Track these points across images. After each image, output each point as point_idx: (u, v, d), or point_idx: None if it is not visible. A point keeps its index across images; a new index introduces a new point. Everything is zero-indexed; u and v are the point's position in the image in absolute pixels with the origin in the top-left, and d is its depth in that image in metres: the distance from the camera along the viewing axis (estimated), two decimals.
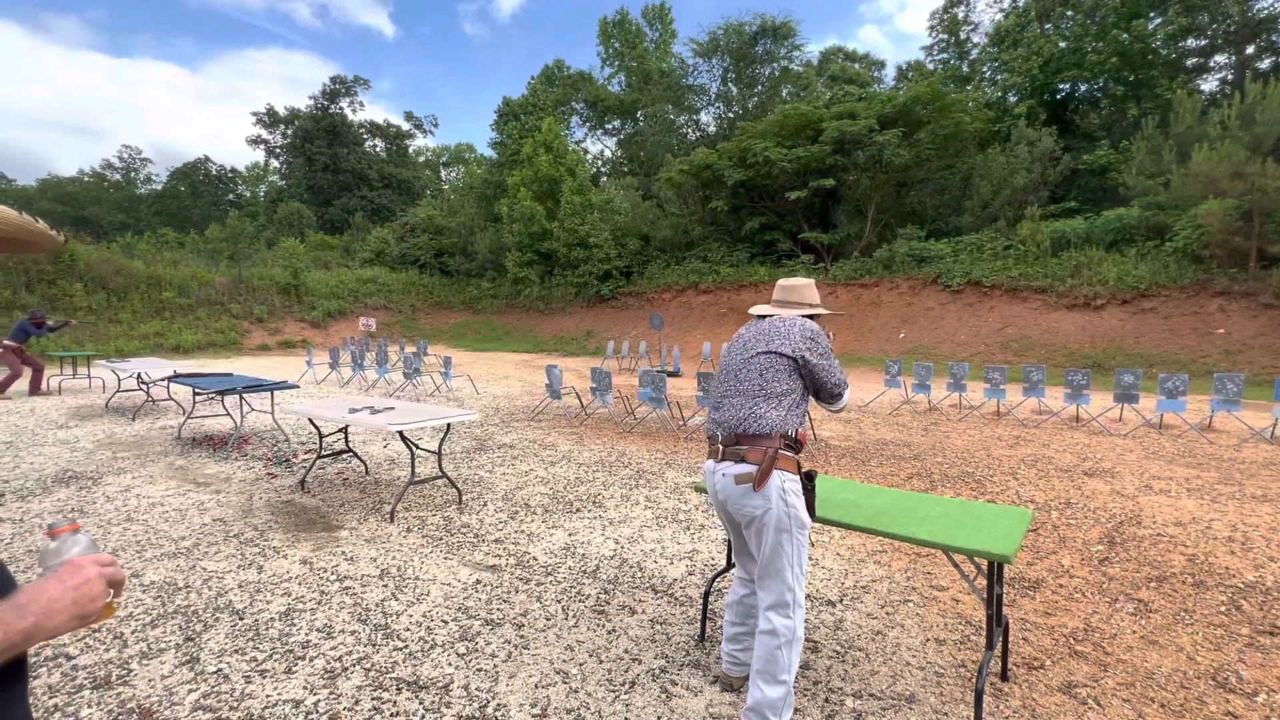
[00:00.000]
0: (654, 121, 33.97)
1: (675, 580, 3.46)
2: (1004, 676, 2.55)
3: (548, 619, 2.99)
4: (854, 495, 2.68)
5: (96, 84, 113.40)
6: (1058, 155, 19.94)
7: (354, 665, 2.57)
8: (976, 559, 2.24)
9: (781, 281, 2.46)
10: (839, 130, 20.50)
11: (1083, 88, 23.58)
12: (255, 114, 46.29)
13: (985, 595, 2.34)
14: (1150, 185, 16.28)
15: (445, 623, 2.94)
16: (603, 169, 38.38)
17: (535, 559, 3.72)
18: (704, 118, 35.11)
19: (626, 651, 2.72)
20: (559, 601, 3.17)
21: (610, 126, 39.30)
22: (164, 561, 3.61)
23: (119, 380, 10.03)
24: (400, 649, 2.70)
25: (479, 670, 2.56)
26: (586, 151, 37.17)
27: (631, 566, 3.63)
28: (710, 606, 3.08)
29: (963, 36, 28.73)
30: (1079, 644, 2.84)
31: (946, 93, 21.30)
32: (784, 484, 2.09)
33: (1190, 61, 22.54)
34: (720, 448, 2.21)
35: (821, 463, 6.22)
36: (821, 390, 2.25)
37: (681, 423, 8.13)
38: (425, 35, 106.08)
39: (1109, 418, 8.79)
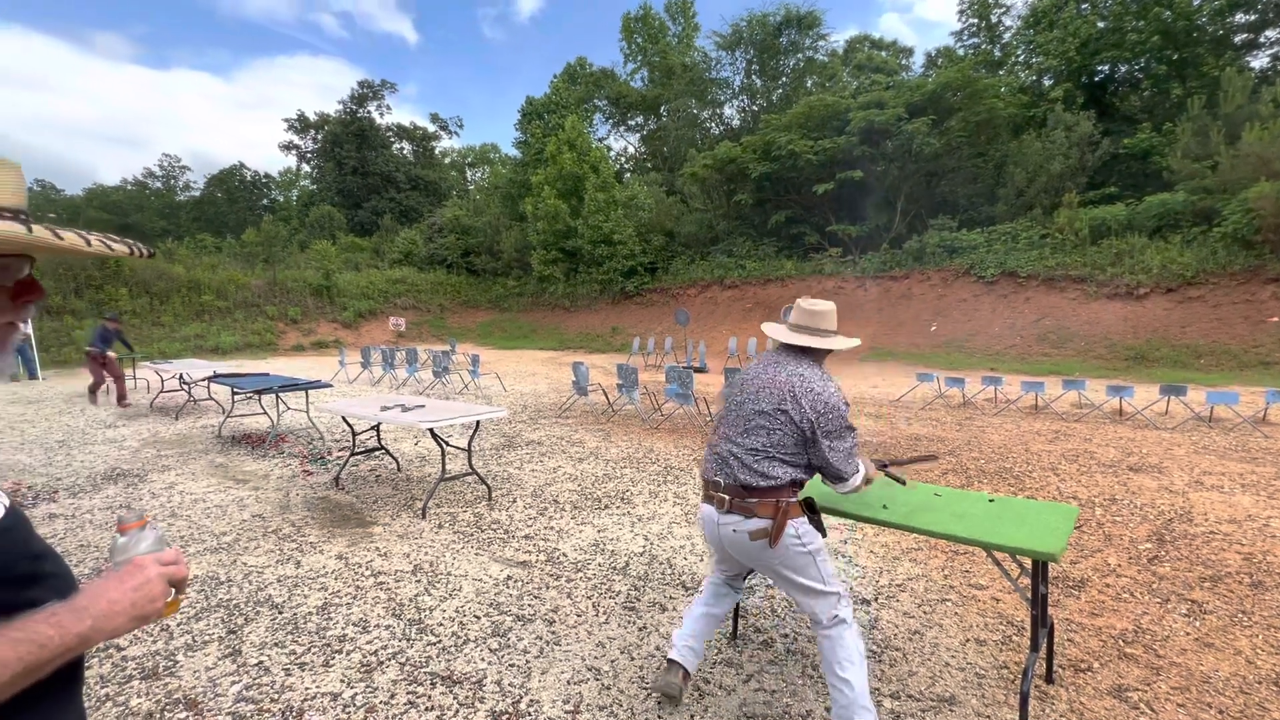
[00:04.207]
0: (677, 116, 33.77)
1: (705, 577, 3.42)
2: (1049, 679, 2.47)
3: (579, 615, 2.99)
4: (888, 491, 2.61)
5: (138, 96, 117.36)
6: (1096, 140, 19.22)
7: (389, 659, 2.61)
8: (1020, 557, 2.16)
9: (802, 303, 2.26)
10: (866, 120, 20.10)
11: (1123, 69, 22.65)
12: (287, 120, 47.49)
13: (1029, 595, 2.26)
14: (1196, 168, 15.59)
15: (478, 618, 2.96)
16: (626, 165, 38.35)
17: (565, 555, 3.73)
18: (728, 111, 34.80)
19: (658, 649, 2.71)
20: (589, 598, 3.17)
21: (633, 123, 39.19)
22: (206, 556, 3.72)
23: (162, 381, 10.38)
24: (434, 644, 2.73)
25: (511, 666, 2.57)
26: (609, 148, 37.13)
27: (661, 563, 3.62)
28: (741, 605, 3.04)
29: (994, 20, 27.87)
30: (1129, 646, 2.73)
31: (979, 78, 20.70)
32: (798, 531, 2.05)
33: (1239, 38, 21.48)
34: (725, 498, 2.10)
35: None
36: (825, 470, 2.12)
37: (709, 418, 8.07)
38: (447, 39, 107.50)
39: (1154, 410, 8.46)
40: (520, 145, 33.10)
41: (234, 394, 7.36)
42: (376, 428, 5.67)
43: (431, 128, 48.94)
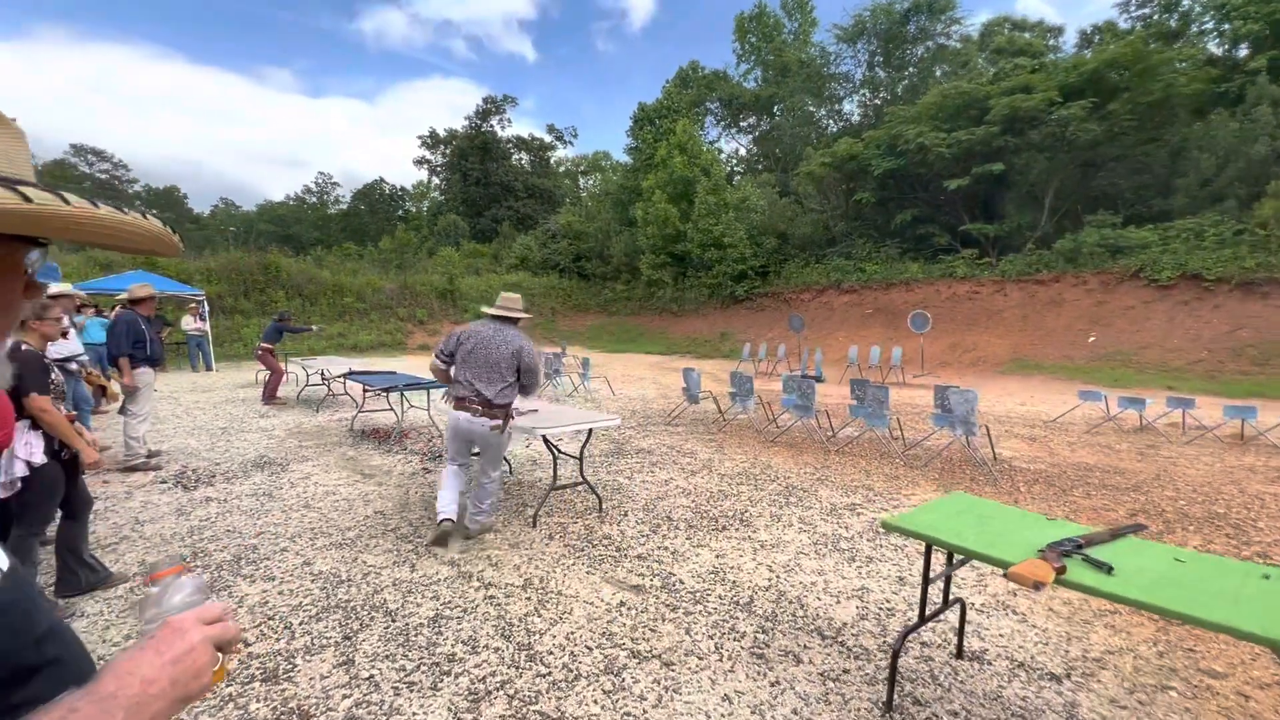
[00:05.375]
0: (792, 115, 32.60)
1: (845, 625, 2.96)
2: None
3: (699, 658, 2.65)
4: (1108, 550, 2.03)
5: (300, 122, 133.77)
6: None
7: (497, 689, 2.41)
8: None
9: (504, 295, 3.96)
10: (1010, 107, 18.13)
11: None
12: (420, 137, 51.48)
13: None
14: None
15: (589, 649, 2.71)
16: (737, 168, 37.64)
17: (682, 582, 3.40)
18: (847, 107, 33.11)
19: (795, 713, 2.30)
20: (711, 637, 2.82)
21: (745, 124, 38.43)
22: (331, 552, 3.79)
23: (307, 376, 11.36)
24: (543, 675, 2.51)
25: (627, 715, 2.27)
26: (720, 151, 36.61)
27: (791, 601, 3.19)
28: (899, 667, 2.55)
29: None
30: None
31: (1153, 51, 17.96)
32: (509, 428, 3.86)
33: None
34: (479, 407, 3.70)
35: (1008, 489, 5.28)
36: (528, 389, 3.91)
37: (831, 434, 7.44)
38: (563, 55, 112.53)
39: None
40: (631, 151, 33.46)
41: (364, 390, 7.79)
42: None
43: (548, 138, 51.03)
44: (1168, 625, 2.98)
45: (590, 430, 4.77)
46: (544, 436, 4.31)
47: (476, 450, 4.01)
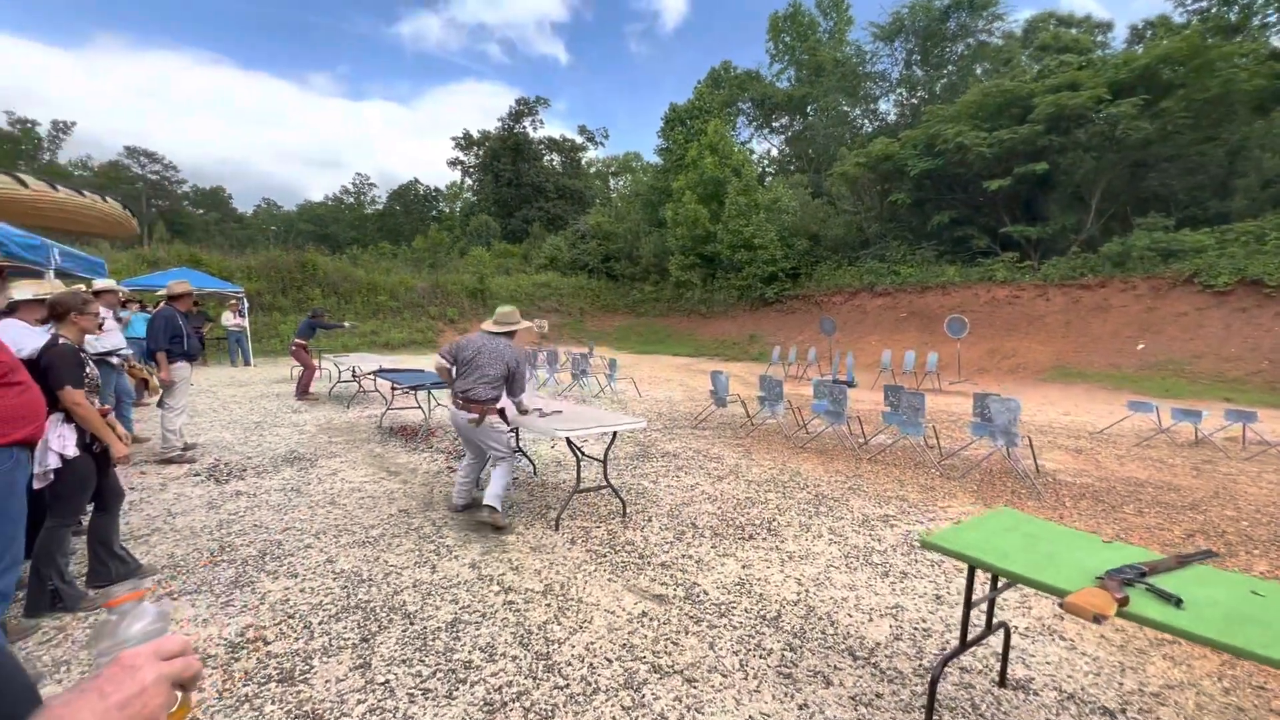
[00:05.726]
0: (826, 115, 32.09)
1: (878, 645, 2.81)
2: None
3: (723, 676, 2.53)
4: (1175, 579, 1.86)
5: (339, 124, 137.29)
6: None
7: (513, 700, 2.34)
8: None
9: (500, 309, 4.39)
10: (1055, 105, 17.46)
11: None
12: (454, 138, 52.26)
13: None
14: None
15: (609, 661, 2.62)
16: (768, 168, 37.21)
17: (706, 593, 3.29)
18: (882, 106, 32.44)
19: None
20: (736, 653, 2.70)
21: (778, 124, 37.98)
22: (354, 550, 3.78)
23: (339, 372, 11.55)
24: (561, 688, 2.42)
25: None
26: (752, 151, 36.25)
27: (820, 618, 3.05)
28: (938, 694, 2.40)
29: None
30: None
31: (1211, 46, 17.11)
32: (492, 422, 4.20)
33: None
34: (471, 405, 4.13)
35: (1052, 504, 5.02)
36: (516, 392, 4.36)
37: (863, 441, 7.22)
38: (596, 56, 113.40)
39: None
40: (662, 152, 33.35)
41: (393, 388, 7.85)
42: (515, 431, 5.63)
43: (579, 139, 51.27)
44: (1234, 659, 2.76)
45: (615, 433, 4.69)
46: (568, 439, 4.25)
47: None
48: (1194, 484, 5.68)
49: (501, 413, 4.31)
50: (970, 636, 2.33)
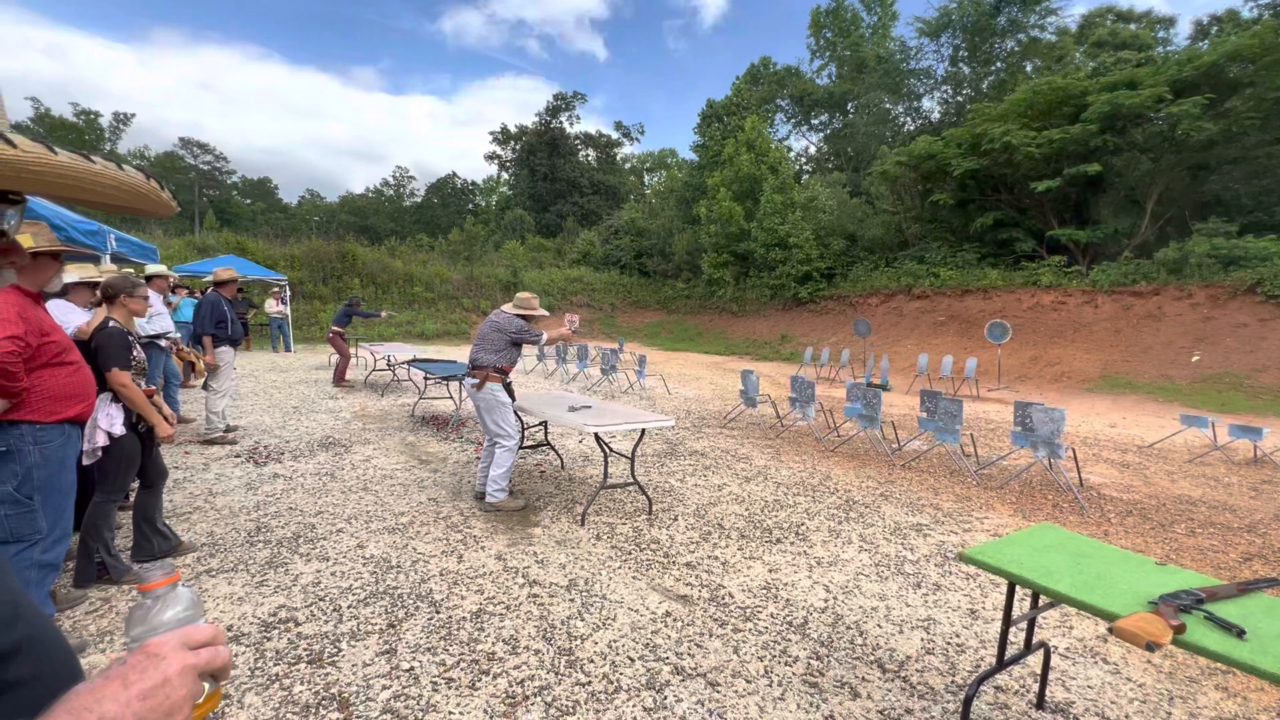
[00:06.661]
0: (867, 112, 31.41)
1: (909, 658, 2.72)
2: None
3: (747, 681, 2.49)
4: (1235, 608, 1.74)
5: (381, 118, 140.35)
6: None
7: (535, 695, 2.33)
8: None
9: (519, 295, 4.68)
10: (1111, 104, 16.73)
11: None
12: (492, 133, 52.99)
13: None
14: None
15: (631, 660, 2.60)
16: (806, 166, 36.65)
17: (731, 596, 3.24)
18: (926, 104, 31.58)
19: None
20: (761, 659, 2.65)
21: (817, 121, 37.33)
22: (384, 536, 3.85)
23: (374, 361, 11.80)
24: (583, 684, 2.41)
25: None
26: (790, 149, 35.73)
27: (849, 627, 2.97)
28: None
29: None
30: None
31: None
32: (492, 390, 4.42)
33: None
34: (474, 370, 4.45)
35: (1096, 520, 4.81)
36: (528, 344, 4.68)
37: (897, 447, 7.04)
38: (634, 53, 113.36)
39: None
40: (698, 149, 33.13)
41: (425, 378, 7.97)
42: (544, 424, 5.66)
43: (615, 135, 51.34)
44: None
45: (643, 430, 4.66)
46: (596, 434, 4.24)
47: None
48: (1252, 505, 5.38)
49: (508, 386, 4.51)
50: (1008, 655, 2.23)
